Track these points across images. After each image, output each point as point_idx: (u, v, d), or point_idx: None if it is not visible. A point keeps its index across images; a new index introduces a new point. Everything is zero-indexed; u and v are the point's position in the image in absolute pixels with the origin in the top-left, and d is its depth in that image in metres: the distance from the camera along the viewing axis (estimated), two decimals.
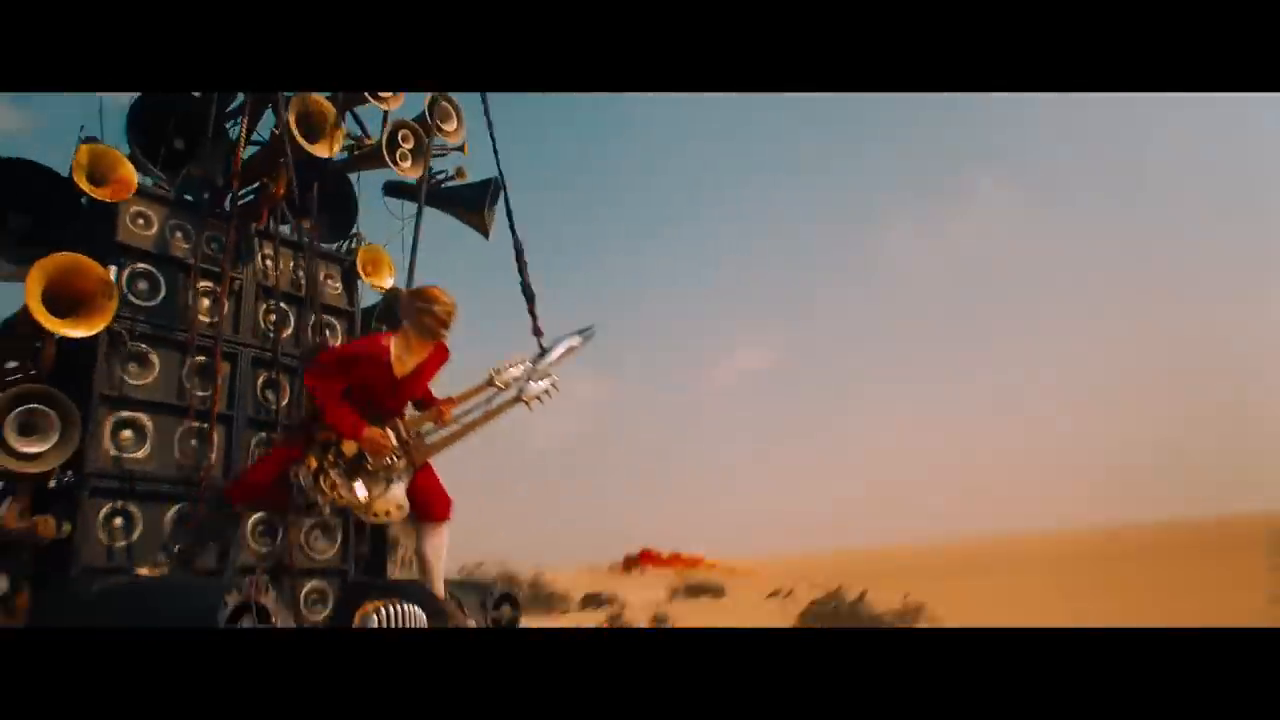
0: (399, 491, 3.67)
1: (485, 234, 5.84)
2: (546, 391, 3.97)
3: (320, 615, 4.41)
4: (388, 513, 3.65)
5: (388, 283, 5.27)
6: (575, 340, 4.14)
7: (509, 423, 4.00)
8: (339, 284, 5.08)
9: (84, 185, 4.03)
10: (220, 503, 3.85)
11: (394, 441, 3.62)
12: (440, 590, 3.87)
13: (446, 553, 3.90)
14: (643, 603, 47.64)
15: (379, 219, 5.51)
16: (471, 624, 3.85)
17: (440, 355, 3.80)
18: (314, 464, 3.51)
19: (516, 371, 3.92)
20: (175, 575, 3.59)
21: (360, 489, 3.58)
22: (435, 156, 5.49)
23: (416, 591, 3.87)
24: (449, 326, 3.71)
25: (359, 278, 5.12)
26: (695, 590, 58.87)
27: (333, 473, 3.53)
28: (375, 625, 3.48)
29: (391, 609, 3.56)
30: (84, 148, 4.07)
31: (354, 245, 5.25)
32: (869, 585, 33.95)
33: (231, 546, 3.81)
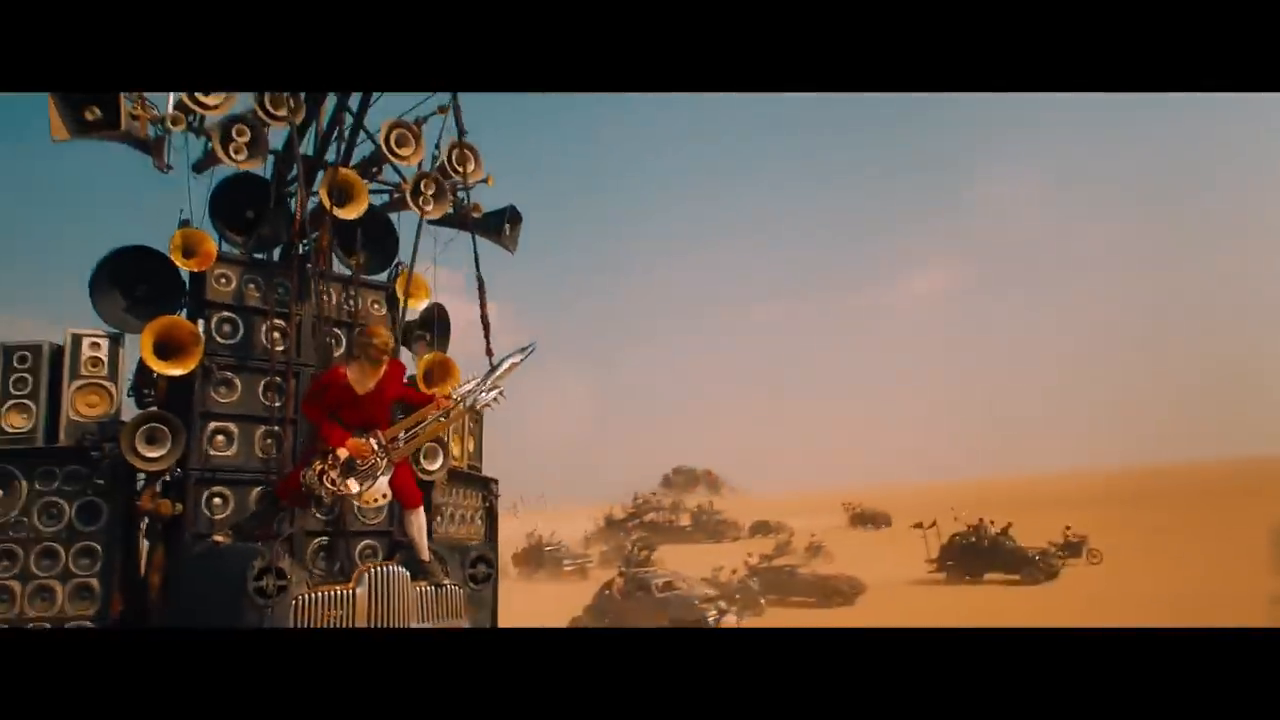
0: (384, 483, 5.05)
1: (511, 251, 7.14)
2: (494, 399, 5.24)
3: (374, 564, 5.93)
4: (376, 500, 5.06)
5: (424, 302, 6.66)
6: (517, 357, 5.31)
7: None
8: (383, 307, 6.51)
9: (179, 261, 5.62)
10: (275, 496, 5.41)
11: (374, 446, 4.99)
12: (425, 555, 5.28)
13: (424, 526, 5.29)
14: (810, 530, 48.38)
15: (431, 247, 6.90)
16: (448, 582, 5.21)
17: (396, 370, 5.12)
18: (318, 467, 4.94)
19: (469, 387, 5.20)
20: (235, 543, 5.18)
21: (354, 484, 4.98)
22: (464, 190, 6.79)
23: (408, 557, 5.30)
24: (386, 354, 4.98)
25: (399, 301, 6.54)
26: (861, 519, 58.55)
27: (332, 473, 4.95)
28: (367, 582, 4.92)
29: (381, 569, 5.01)
30: (178, 233, 5.64)
31: (397, 273, 6.66)
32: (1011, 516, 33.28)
33: (280, 523, 5.35)
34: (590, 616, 20.42)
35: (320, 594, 4.76)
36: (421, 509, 5.30)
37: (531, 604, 26.58)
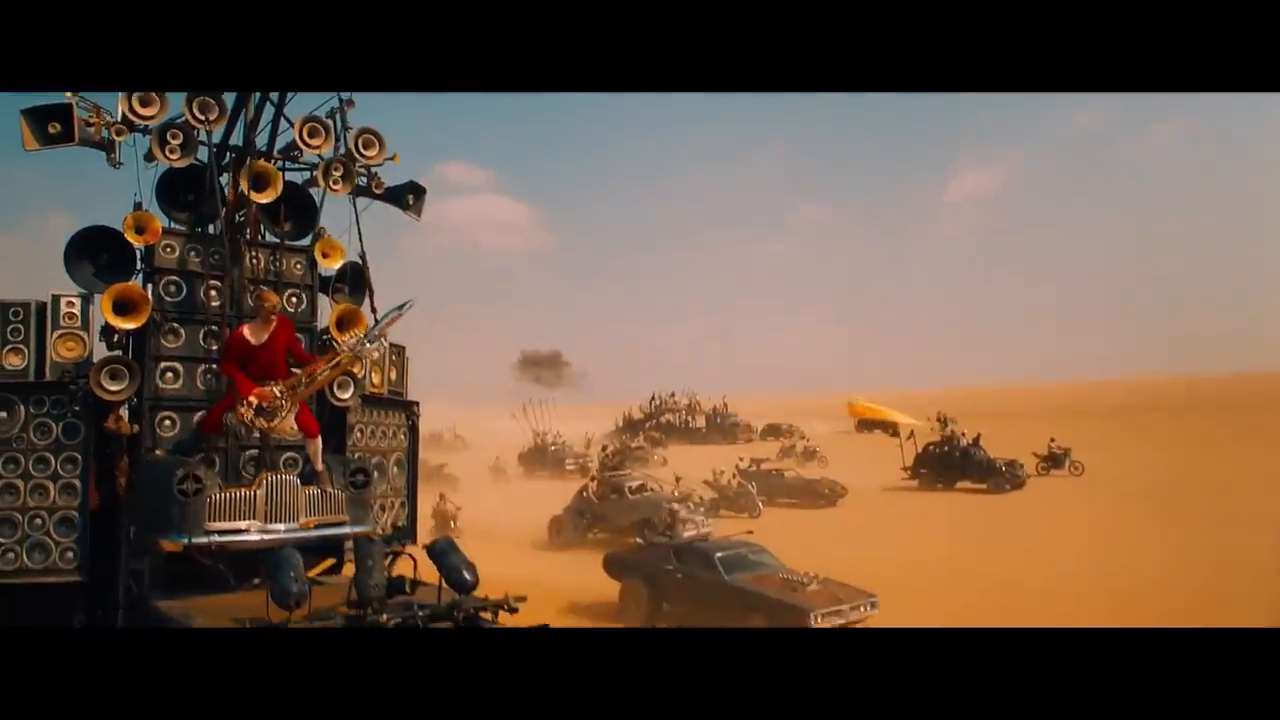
0: (290, 420, 6.76)
1: (416, 220, 8.70)
2: (377, 349, 6.88)
3: (294, 473, 7.63)
4: (284, 431, 6.78)
5: (339, 263, 8.25)
6: (395, 314, 6.93)
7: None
8: (304, 267, 8.11)
9: (131, 238, 7.26)
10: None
11: (276, 392, 6.66)
12: (319, 465, 7.01)
13: (319, 448, 7.01)
14: (820, 435, 49.83)
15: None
16: (332, 489, 6.93)
17: (284, 325, 6.78)
18: (241, 410, 6.64)
19: (353, 340, 6.84)
20: (174, 457, 6.95)
21: (267, 419, 6.68)
22: (374, 167, 8.33)
23: (309, 472, 7.01)
24: (275, 312, 6.68)
25: (316, 261, 8.13)
26: (869, 425, 59.68)
27: (248, 414, 6.64)
28: (265, 485, 6.66)
29: (276, 477, 6.75)
30: (130, 215, 7.27)
31: (317, 237, 8.23)
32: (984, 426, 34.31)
33: (207, 445, 7.10)
34: (569, 515, 22.44)
35: (227, 494, 6.52)
36: (318, 438, 7.01)
37: (522, 498, 28.74)
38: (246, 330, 6.65)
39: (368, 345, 6.88)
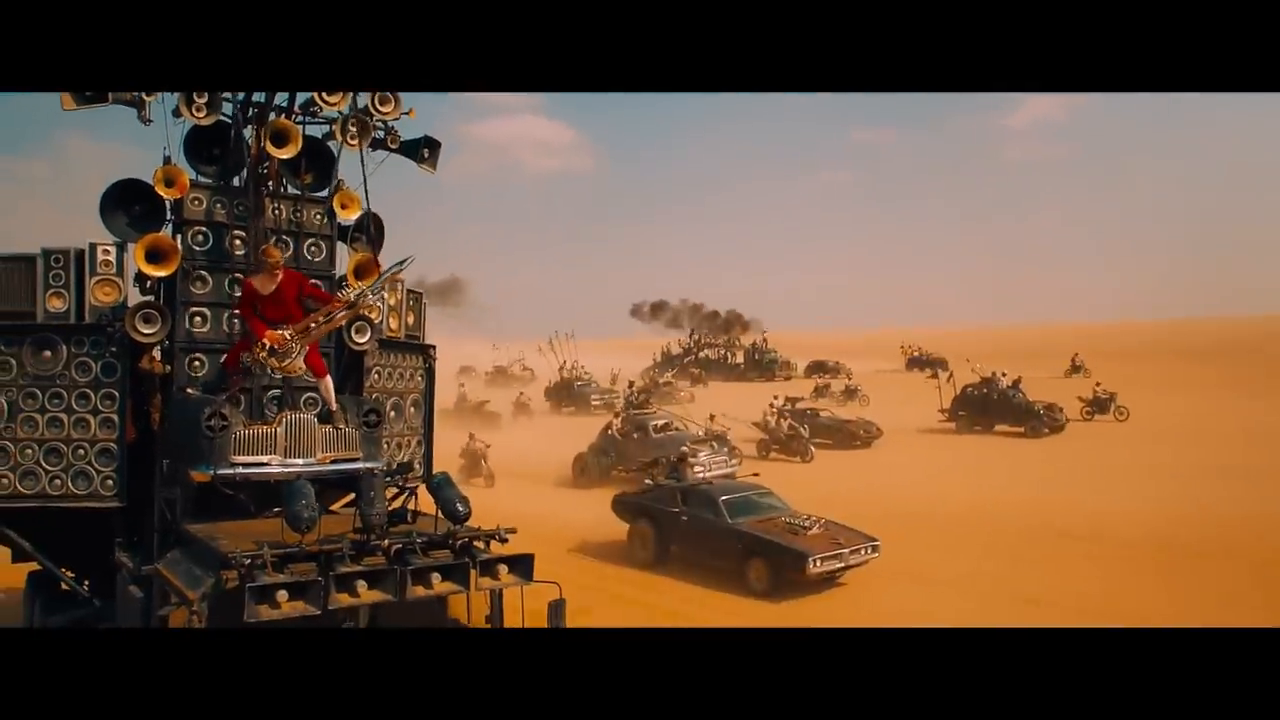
0: (300, 361, 7.32)
1: (431, 173, 9.16)
2: (378, 300, 7.43)
3: (313, 412, 8.22)
4: (295, 371, 7.35)
5: (356, 214, 8.74)
6: (397, 268, 7.46)
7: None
8: (324, 218, 8.62)
9: (161, 190, 7.80)
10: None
11: (288, 335, 7.21)
12: (333, 406, 7.59)
13: (330, 388, 7.58)
14: (861, 373, 49.86)
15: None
16: (347, 428, 7.51)
17: (291, 277, 7.32)
18: (255, 350, 7.22)
19: (358, 291, 7.38)
20: (202, 396, 7.58)
21: (279, 360, 7.25)
22: (390, 122, 8.79)
23: (326, 412, 7.60)
24: (278, 267, 7.22)
25: (335, 212, 8.64)
26: (918, 363, 59.42)
27: (262, 354, 7.21)
28: (284, 424, 7.25)
29: (294, 415, 7.34)
30: (159, 169, 7.80)
31: (336, 189, 8.72)
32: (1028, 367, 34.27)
33: (233, 383, 7.70)
34: (593, 454, 23.05)
35: (251, 431, 7.13)
36: (328, 378, 7.59)
37: (548, 434, 29.35)
38: (255, 281, 7.22)
39: (369, 296, 7.41)
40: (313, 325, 7.28)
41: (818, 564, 13.05)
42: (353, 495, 8.52)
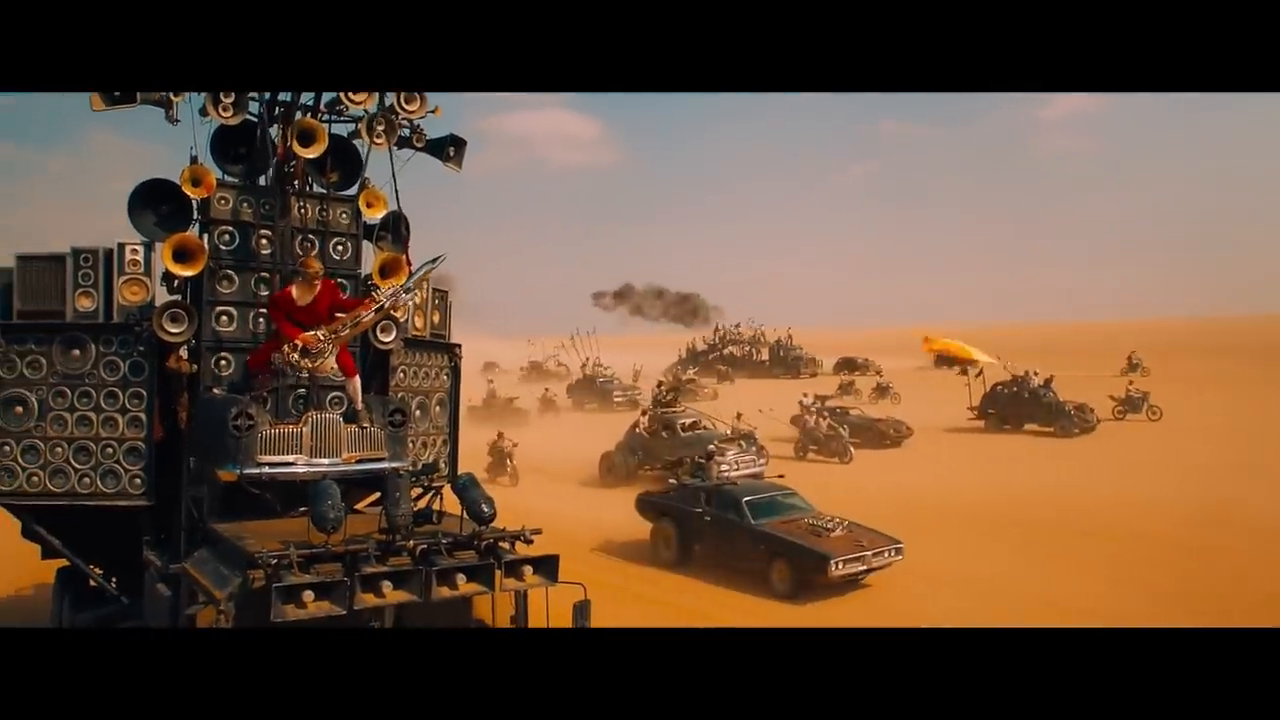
0: (332, 360, 7.32)
1: (457, 171, 9.14)
2: (409, 300, 7.41)
3: (338, 412, 8.23)
4: (325, 370, 7.35)
5: (382, 213, 8.74)
6: (429, 267, 7.44)
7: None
8: (349, 216, 8.63)
9: (188, 190, 7.83)
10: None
11: (320, 338, 7.21)
12: (359, 404, 7.59)
13: (358, 388, 7.58)
14: (890, 371, 49.51)
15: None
16: (372, 427, 7.50)
17: (328, 289, 7.31)
18: (286, 350, 7.22)
19: (390, 292, 7.37)
20: (229, 395, 7.60)
21: (310, 360, 7.25)
22: (416, 120, 8.78)
23: (352, 411, 7.61)
24: (318, 278, 7.20)
25: (361, 211, 8.64)
26: (946, 360, 58.84)
27: (293, 355, 7.22)
28: (310, 423, 7.26)
29: (320, 415, 7.35)
30: (186, 169, 7.83)
31: (363, 187, 8.72)
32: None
33: (256, 386, 7.71)
34: (620, 452, 22.99)
35: (277, 431, 7.14)
36: (356, 377, 7.59)
37: (571, 432, 29.26)
38: (294, 291, 7.21)
39: (402, 296, 7.40)
40: (344, 327, 7.27)
41: (840, 566, 12.96)
42: (378, 495, 8.57)
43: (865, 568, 13.29)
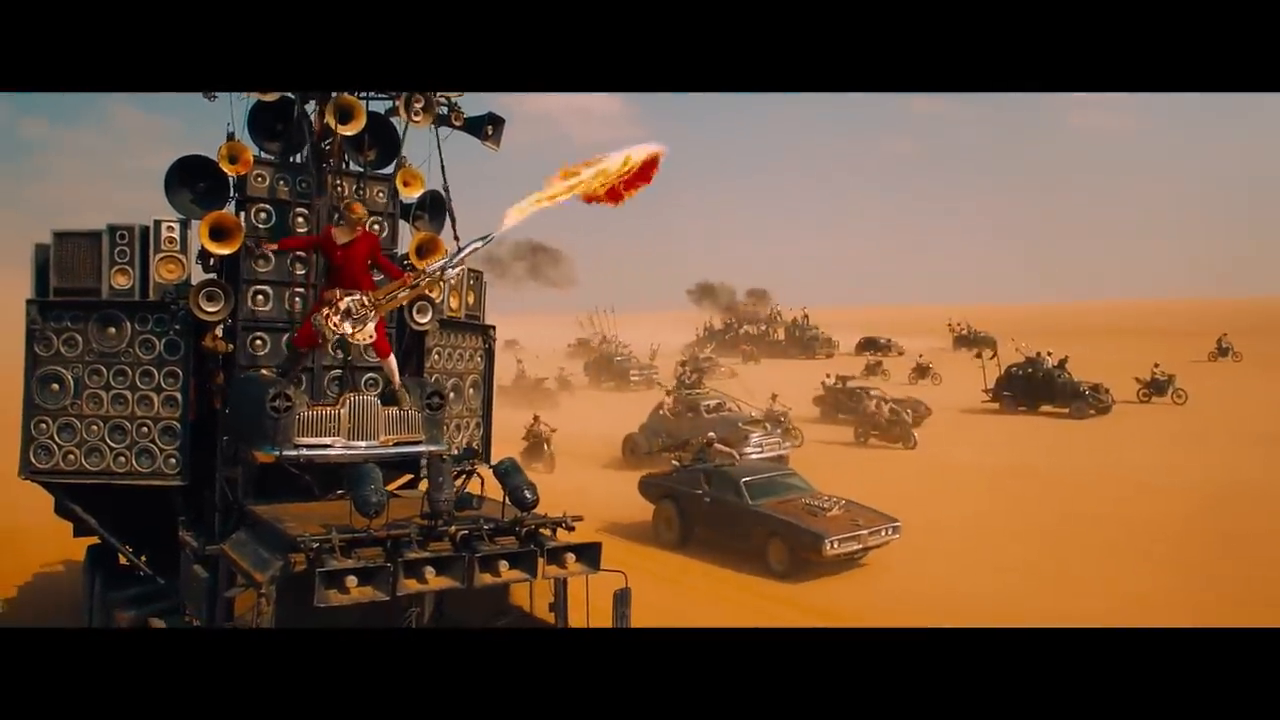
0: (370, 328, 7.17)
1: (495, 150, 9.01)
2: (457, 274, 7.30)
3: (374, 393, 8.12)
4: (364, 339, 7.23)
5: (419, 192, 8.61)
6: (478, 244, 7.28)
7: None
8: (386, 195, 8.50)
9: (225, 167, 7.73)
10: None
11: (365, 301, 7.04)
12: (396, 384, 7.48)
13: (394, 368, 7.47)
14: (918, 350, 48.91)
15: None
16: (410, 410, 7.39)
17: (368, 237, 7.22)
18: (325, 313, 7.08)
19: (439, 264, 7.25)
20: (265, 376, 7.52)
21: (347, 326, 7.12)
22: (454, 99, 8.65)
23: (388, 393, 7.51)
24: (360, 223, 7.17)
25: (398, 190, 8.52)
26: (966, 341, 58.07)
27: (335, 318, 7.07)
28: (348, 406, 7.16)
29: (358, 397, 7.25)
30: (224, 145, 7.73)
31: (399, 167, 8.59)
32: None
33: (292, 364, 7.61)
34: (644, 434, 22.89)
35: (314, 412, 7.04)
36: (391, 357, 7.48)
37: (594, 410, 29.12)
38: (335, 231, 7.16)
39: (449, 271, 7.28)
40: (385, 297, 7.14)
41: (834, 546, 12.99)
42: (410, 476, 8.50)
43: (861, 547, 13.34)
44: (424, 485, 8.30)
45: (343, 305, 6.99)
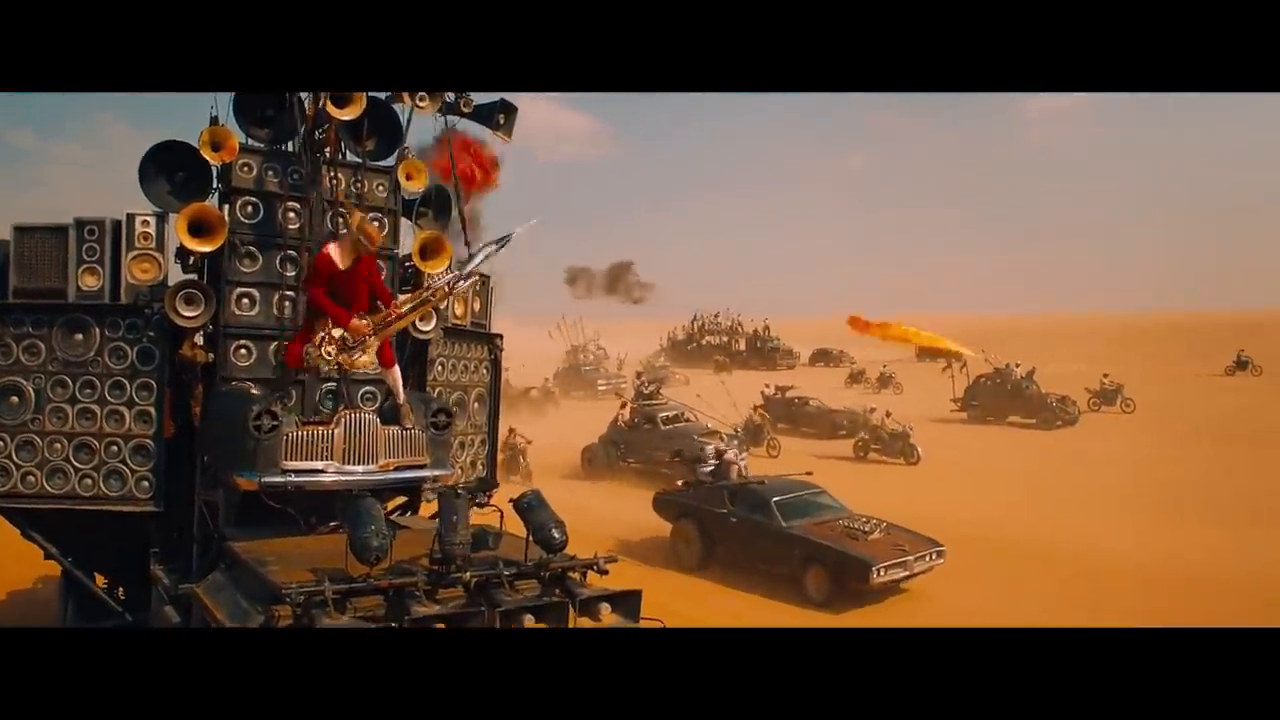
0: (371, 353, 6.28)
1: (506, 140, 8.10)
2: (469, 286, 6.37)
3: (371, 407, 7.22)
4: (364, 366, 6.32)
5: (423, 186, 7.71)
6: (492, 248, 6.37)
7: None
8: (386, 189, 7.58)
9: (207, 155, 6.80)
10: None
11: (367, 326, 6.18)
12: (401, 399, 6.58)
13: (398, 380, 6.57)
14: (876, 361, 48.14)
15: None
16: (409, 424, 6.49)
17: (368, 261, 6.25)
18: (318, 341, 6.17)
19: (446, 277, 6.32)
20: (249, 390, 6.60)
21: (346, 357, 6.20)
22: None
23: (390, 407, 6.61)
24: (370, 250, 6.15)
25: (400, 184, 7.61)
26: (929, 353, 58.02)
27: (329, 348, 6.16)
28: (343, 424, 6.25)
29: (355, 414, 6.33)
30: (206, 130, 6.80)
31: (402, 157, 7.69)
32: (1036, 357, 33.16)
33: (283, 378, 6.69)
34: (602, 445, 21.99)
35: (304, 432, 6.13)
36: (396, 368, 6.57)
37: (561, 423, 28.15)
38: (333, 251, 6.17)
39: (462, 283, 6.35)
40: (393, 316, 6.25)
41: (882, 573, 12.01)
42: (404, 499, 7.60)
43: (907, 573, 12.35)
44: (426, 509, 7.47)
45: (337, 334, 6.09)
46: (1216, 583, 12.58)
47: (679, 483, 15.90)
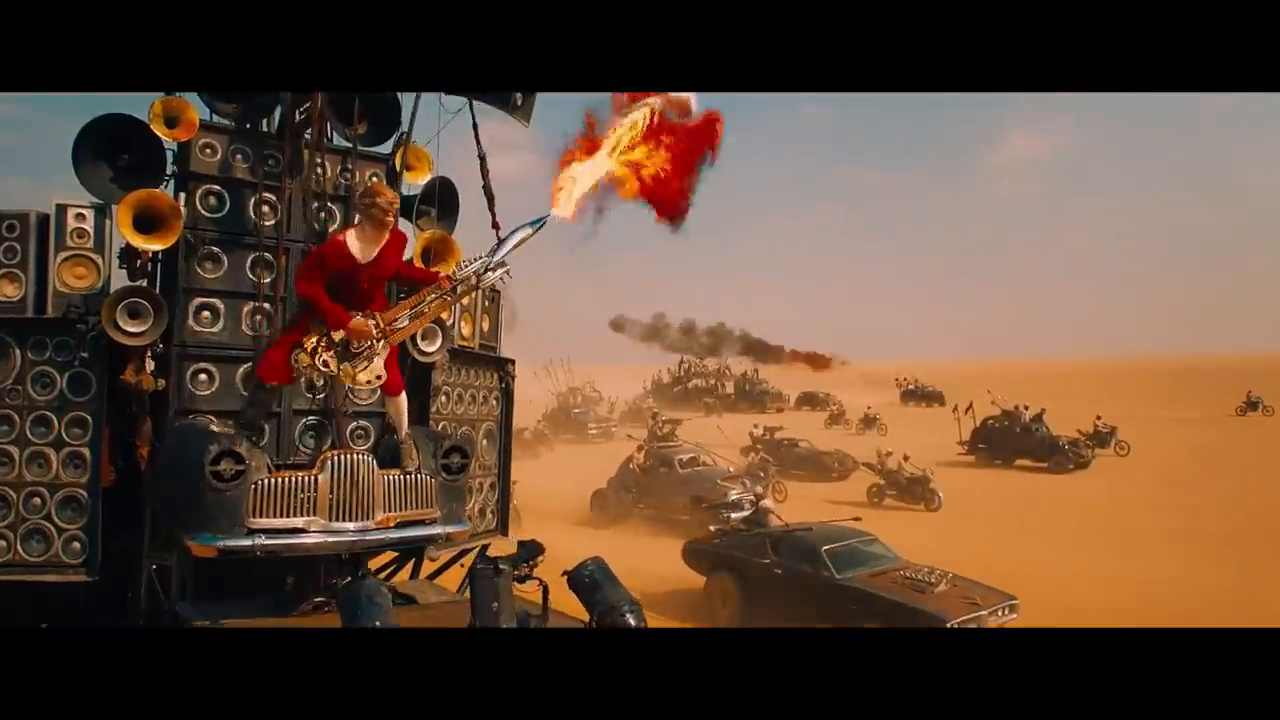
0: (379, 364, 4.86)
1: (525, 125, 6.74)
2: (501, 277, 4.98)
3: (363, 446, 5.83)
4: (369, 381, 4.90)
5: (425, 178, 6.36)
6: (527, 231, 4.97)
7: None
8: (382, 181, 6.21)
9: (160, 131, 5.43)
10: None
11: (374, 329, 4.79)
12: (403, 435, 5.16)
13: (403, 411, 5.17)
14: (858, 406, 47.40)
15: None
16: (412, 466, 5.08)
17: (397, 239, 4.88)
18: (310, 346, 4.77)
19: (474, 266, 4.92)
20: (208, 425, 5.16)
21: (349, 366, 4.80)
22: None
23: (389, 445, 5.19)
24: (392, 214, 4.77)
25: (400, 175, 6.26)
26: (914, 395, 58.03)
27: (326, 355, 4.77)
28: (329, 469, 4.82)
29: (344, 456, 4.90)
30: (158, 101, 5.42)
31: (399, 144, 6.35)
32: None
33: (253, 407, 5.25)
34: (612, 489, 20.52)
35: (280, 480, 4.70)
36: (403, 396, 5.17)
37: (558, 471, 26.72)
38: (352, 239, 4.76)
39: (491, 273, 4.92)
40: (406, 314, 4.85)
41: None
42: (394, 555, 6.19)
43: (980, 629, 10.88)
44: (429, 566, 6.05)
45: (337, 337, 4.69)
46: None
47: (710, 528, 14.38)
